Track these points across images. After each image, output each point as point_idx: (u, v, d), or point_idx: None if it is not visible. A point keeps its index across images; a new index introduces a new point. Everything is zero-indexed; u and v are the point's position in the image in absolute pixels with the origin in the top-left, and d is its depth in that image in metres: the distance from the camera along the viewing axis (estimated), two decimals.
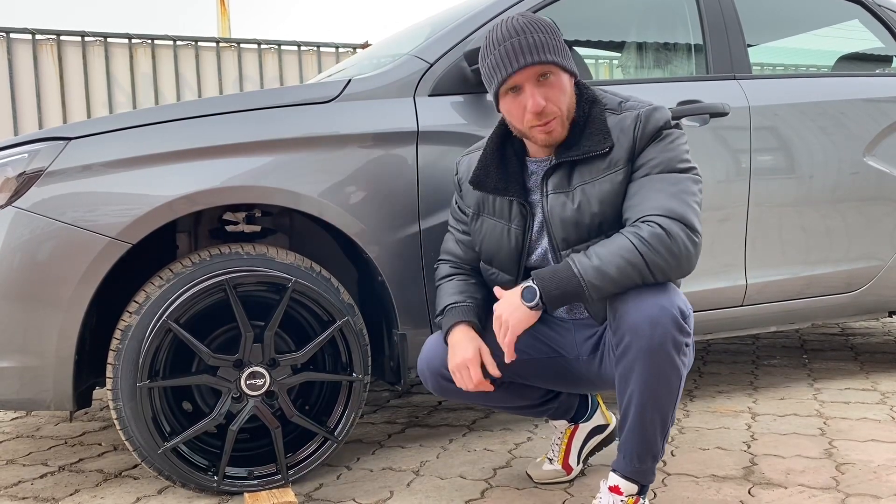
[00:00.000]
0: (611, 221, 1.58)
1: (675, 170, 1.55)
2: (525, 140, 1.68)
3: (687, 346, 1.48)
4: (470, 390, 1.64)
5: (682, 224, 1.48)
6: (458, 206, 1.83)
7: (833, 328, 3.85)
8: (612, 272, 1.46)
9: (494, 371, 1.62)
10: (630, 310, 1.46)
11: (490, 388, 1.65)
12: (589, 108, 1.61)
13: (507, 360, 1.57)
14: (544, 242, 1.68)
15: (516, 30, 1.53)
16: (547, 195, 1.63)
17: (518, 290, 1.55)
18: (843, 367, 3.00)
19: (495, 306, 1.58)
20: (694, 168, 1.58)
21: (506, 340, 1.55)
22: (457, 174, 1.83)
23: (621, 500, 1.55)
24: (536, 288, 1.51)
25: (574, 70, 1.59)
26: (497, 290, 1.63)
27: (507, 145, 1.71)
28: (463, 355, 1.62)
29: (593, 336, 1.69)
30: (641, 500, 1.57)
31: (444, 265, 1.84)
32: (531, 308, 1.52)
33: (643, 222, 1.49)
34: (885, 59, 2.97)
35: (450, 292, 1.76)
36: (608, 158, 1.57)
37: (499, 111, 1.65)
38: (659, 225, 1.47)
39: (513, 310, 1.54)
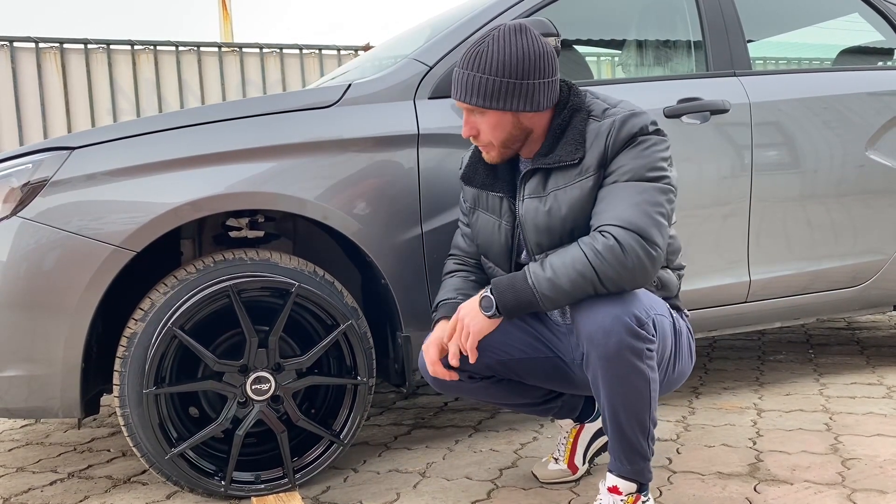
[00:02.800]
0: (582, 227, 1.58)
1: (643, 178, 1.53)
2: None
3: (650, 350, 1.48)
4: (432, 374, 1.67)
5: (637, 236, 1.47)
6: (461, 197, 1.86)
7: (839, 323, 3.84)
8: (565, 284, 1.47)
9: (454, 362, 1.62)
10: (585, 320, 1.48)
11: (454, 376, 1.67)
12: (570, 117, 1.62)
13: (471, 360, 1.60)
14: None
15: (471, 62, 1.57)
16: (523, 199, 1.66)
17: (477, 297, 1.57)
18: (850, 362, 3.00)
19: (459, 307, 1.61)
20: (666, 177, 1.55)
21: (467, 344, 1.57)
22: (461, 168, 1.86)
23: (621, 500, 1.56)
24: (493, 298, 1.53)
25: (521, 108, 1.58)
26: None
27: None
28: (428, 341, 1.68)
29: None
30: (643, 498, 1.57)
31: (450, 261, 1.88)
32: (489, 317, 1.55)
33: (599, 232, 1.50)
34: (886, 52, 2.96)
35: (446, 289, 1.81)
36: (580, 165, 1.58)
37: None
38: (614, 237, 1.47)
39: (473, 316, 1.57)
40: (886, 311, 2.79)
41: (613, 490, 1.56)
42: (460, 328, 1.59)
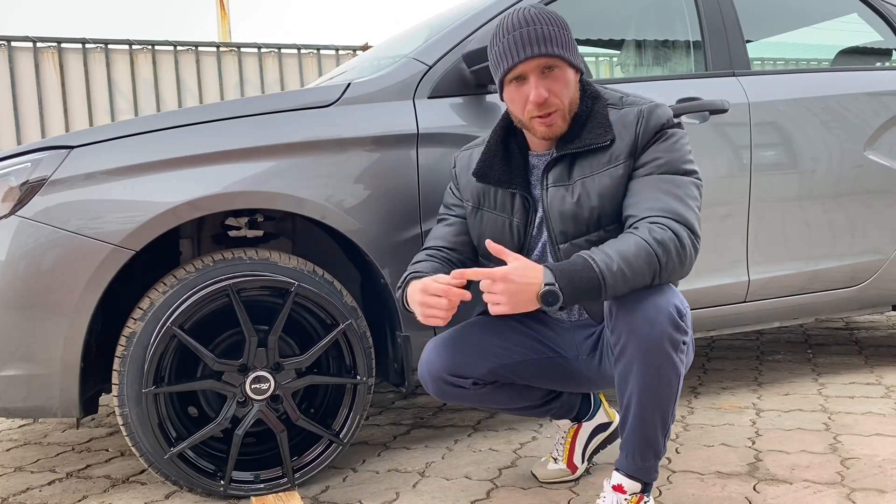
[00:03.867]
0: (609, 216, 1.58)
1: (679, 171, 1.55)
2: (527, 134, 1.69)
3: (685, 343, 1.48)
4: (442, 308, 1.50)
5: (688, 229, 1.49)
6: (453, 193, 1.83)
7: (837, 323, 3.85)
8: (629, 273, 1.43)
9: (458, 280, 1.49)
10: (627, 310, 1.46)
11: (465, 291, 1.51)
12: (592, 104, 1.63)
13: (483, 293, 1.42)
14: (544, 237, 1.68)
15: (527, 20, 1.55)
16: (547, 188, 1.64)
17: (536, 288, 1.41)
18: (848, 362, 3.00)
19: (505, 270, 1.41)
20: (696, 171, 1.59)
21: (497, 310, 1.42)
22: (454, 167, 1.84)
23: (625, 499, 1.56)
24: (559, 294, 1.40)
25: (580, 66, 1.61)
26: (497, 248, 1.48)
27: (510, 139, 1.73)
28: (421, 286, 1.54)
29: (592, 335, 1.70)
30: (645, 498, 1.57)
31: (420, 253, 1.79)
32: (546, 308, 1.42)
33: (654, 224, 1.48)
34: (884, 53, 2.97)
35: (415, 268, 1.71)
36: (609, 152, 1.58)
37: (502, 100, 1.66)
38: (670, 228, 1.47)
39: (523, 298, 1.41)
40: (885, 311, 2.80)
41: (618, 489, 1.56)
42: (498, 289, 1.41)
